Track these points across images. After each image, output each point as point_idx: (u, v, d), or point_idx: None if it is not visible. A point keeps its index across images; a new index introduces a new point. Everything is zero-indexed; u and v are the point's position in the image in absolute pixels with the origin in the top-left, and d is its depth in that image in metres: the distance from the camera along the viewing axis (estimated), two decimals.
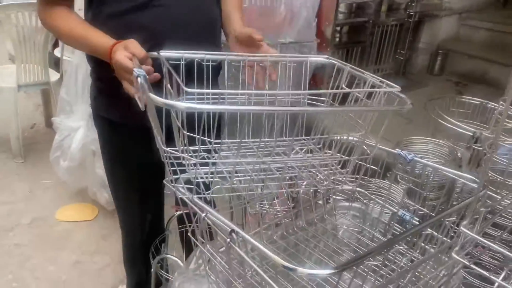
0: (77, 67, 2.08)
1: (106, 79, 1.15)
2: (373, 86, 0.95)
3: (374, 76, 0.96)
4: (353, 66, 1.01)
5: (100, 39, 1.04)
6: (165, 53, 0.94)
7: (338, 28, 3.01)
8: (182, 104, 0.66)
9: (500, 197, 1.18)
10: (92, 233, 2.15)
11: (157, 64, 0.94)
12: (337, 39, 3.11)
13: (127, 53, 0.94)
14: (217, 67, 1.13)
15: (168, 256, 1.29)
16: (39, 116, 3.22)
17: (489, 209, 1.27)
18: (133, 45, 0.95)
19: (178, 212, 1.39)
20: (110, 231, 2.15)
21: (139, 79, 0.77)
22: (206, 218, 0.78)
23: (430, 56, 4.01)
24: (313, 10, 2.65)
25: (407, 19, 3.33)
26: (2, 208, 2.28)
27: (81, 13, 1.16)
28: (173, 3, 1.07)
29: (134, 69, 0.81)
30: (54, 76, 2.81)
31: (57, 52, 2.94)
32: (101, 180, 2.13)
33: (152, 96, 0.68)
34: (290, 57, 1.07)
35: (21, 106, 2.93)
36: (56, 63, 2.94)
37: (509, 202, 1.06)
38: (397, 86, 0.91)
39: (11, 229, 2.14)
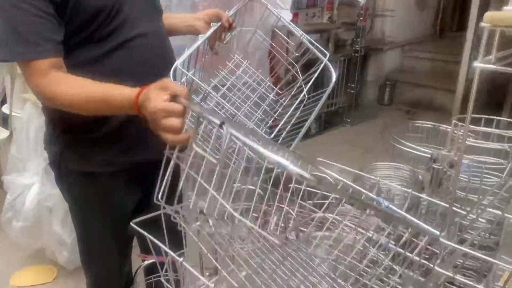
0: (28, 122, 2.00)
1: (78, 129, 1.11)
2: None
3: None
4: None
5: (122, 91, 0.92)
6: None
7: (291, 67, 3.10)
8: None
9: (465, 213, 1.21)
10: None
11: None
12: (290, 77, 3.20)
13: (166, 95, 0.82)
14: None
15: None
16: None
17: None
18: (174, 85, 0.84)
19: (147, 262, 1.32)
20: None
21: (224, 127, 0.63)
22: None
23: (379, 87, 4.20)
24: (265, 51, 2.72)
25: (354, 54, 3.49)
26: None
27: None
28: (141, 44, 1.09)
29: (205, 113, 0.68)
30: (2, 134, 2.69)
31: (5, 109, 2.83)
32: (59, 239, 2.01)
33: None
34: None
35: None
36: (4, 120, 2.82)
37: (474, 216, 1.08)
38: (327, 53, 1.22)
39: None
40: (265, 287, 0.98)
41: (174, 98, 0.83)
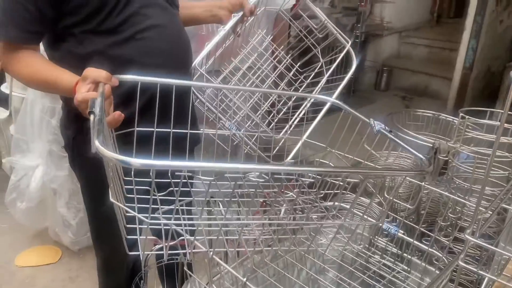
0: (32, 103, 1.99)
1: None
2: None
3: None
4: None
5: (64, 77, 0.99)
6: (138, 77, 0.90)
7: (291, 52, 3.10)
8: (137, 161, 0.55)
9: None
10: (58, 276, 2.03)
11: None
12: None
13: (88, 85, 0.88)
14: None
15: None
16: None
17: (459, 215, 1.35)
18: (90, 72, 0.89)
19: (158, 246, 1.35)
20: (77, 272, 2.04)
21: (92, 116, 0.68)
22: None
23: (377, 73, 4.22)
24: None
25: (354, 40, 3.49)
26: None
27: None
28: (155, 35, 1.08)
29: (90, 102, 0.73)
30: (2, 114, 2.67)
31: (4, 88, 2.80)
32: (64, 220, 2.04)
33: (99, 147, 0.58)
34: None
35: None
36: (2, 100, 2.79)
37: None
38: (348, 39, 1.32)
39: None
40: (276, 273, 1.02)
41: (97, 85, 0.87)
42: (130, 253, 0.75)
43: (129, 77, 0.90)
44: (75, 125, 1.15)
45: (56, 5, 1.00)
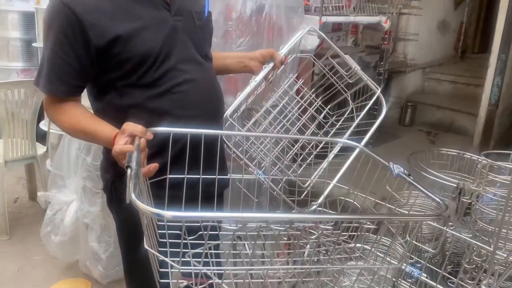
0: (69, 141, 2.11)
1: None
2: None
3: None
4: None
5: (104, 129, 1.07)
6: (170, 129, 0.99)
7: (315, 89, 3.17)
8: (168, 213, 0.60)
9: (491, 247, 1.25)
10: None
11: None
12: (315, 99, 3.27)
13: (125, 138, 0.96)
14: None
15: None
16: (22, 189, 3.17)
17: (484, 258, 1.34)
18: (128, 126, 0.97)
19: (184, 284, 1.40)
20: None
21: (129, 170, 0.75)
22: None
23: (401, 109, 4.24)
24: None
25: (377, 77, 3.55)
26: None
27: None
28: (190, 89, 1.16)
29: (127, 156, 0.81)
30: (40, 149, 2.82)
31: (42, 125, 2.97)
32: (95, 254, 2.11)
33: (135, 200, 0.63)
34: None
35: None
36: (40, 136, 2.95)
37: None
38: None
39: None
40: None
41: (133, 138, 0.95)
42: None
43: (162, 129, 0.99)
44: (114, 169, 1.21)
45: (99, 63, 1.09)
